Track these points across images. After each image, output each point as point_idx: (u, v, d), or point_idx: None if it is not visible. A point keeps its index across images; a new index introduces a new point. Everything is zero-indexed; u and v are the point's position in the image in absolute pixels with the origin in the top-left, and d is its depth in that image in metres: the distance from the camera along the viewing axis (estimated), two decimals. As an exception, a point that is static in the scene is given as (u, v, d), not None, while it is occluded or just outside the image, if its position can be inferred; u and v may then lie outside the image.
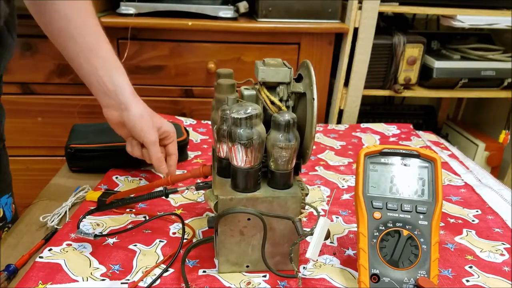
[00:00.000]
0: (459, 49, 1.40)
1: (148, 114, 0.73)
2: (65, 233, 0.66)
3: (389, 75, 1.32)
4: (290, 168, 0.57)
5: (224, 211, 0.55)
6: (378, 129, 1.20)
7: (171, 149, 0.79)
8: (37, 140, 1.27)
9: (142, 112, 0.72)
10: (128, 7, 1.18)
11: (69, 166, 0.88)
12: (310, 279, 0.59)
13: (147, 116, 0.72)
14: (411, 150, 0.58)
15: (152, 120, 0.73)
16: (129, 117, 0.71)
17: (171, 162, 0.78)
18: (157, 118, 0.75)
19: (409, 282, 0.53)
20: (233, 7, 1.24)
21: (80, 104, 1.22)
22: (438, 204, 0.55)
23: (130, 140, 0.76)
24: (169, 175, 0.72)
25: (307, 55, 1.25)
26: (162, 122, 0.76)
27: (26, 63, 1.17)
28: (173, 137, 0.79)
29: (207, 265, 0.61)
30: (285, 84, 0.59)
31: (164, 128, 0.76)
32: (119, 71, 0.72)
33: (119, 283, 0.57)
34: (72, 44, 0.69)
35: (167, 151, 0.79)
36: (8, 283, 0.57)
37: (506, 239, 0.70)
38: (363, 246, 0.55)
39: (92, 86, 0.72)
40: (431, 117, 1.65)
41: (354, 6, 1.21)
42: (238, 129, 0.53)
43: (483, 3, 1.27)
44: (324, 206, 0.79)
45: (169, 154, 0.79)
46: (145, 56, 1.21)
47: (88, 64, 0.70)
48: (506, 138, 1.42)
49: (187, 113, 1.28)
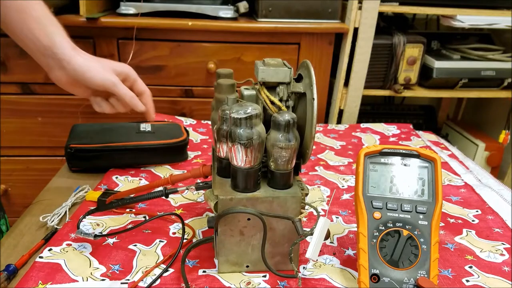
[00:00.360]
0: (459, 49, 1.40)
1: (95, 60, 0.68)
2: (65, 233, 0.66)
3: (389, 75, 1.32)
4: (290, 168, 0.57)
5: (224, 211, 0.55)
6: (378, 129, 1.20)
7: (140, 87, 0.73)
8: (37, 140, 1.27)
9: (86, 59, 0.67)
10: (128, 7, 1.18)
11: (69, 166, 0.88)
12: (310, 279, 0.60)
13: (95, 62, 0.68)
14: (411, 150, 0.58)
15: (102, 64, 0.68)
16: (75, 70, 0.66)
17: (145, 100, 0.73)
18: (106, 62, 0.70)
19: (409, 282, 0.53)
20: (233, 7, 1.24)
21: (81, 104, 1.22)
22: (438, 204, 0.55)
23: (93, 98, 0.72)
24: (148, 113, 0.70)
25: (307, 55, 1.25)
26: (114, 64, 0.70)
27: (26, 63, 1.17)
28: (133, 75, 0.72)
29: (207, 265, 0.61)
30: (285, 84, 0.59)
31: (118, 69, 0.70)
32: (54, 27, 0.66)
33: (119, 283, 0.57)
34: (5, 9, 0.64)
35: (136, 91, 0.73)
36: (8, 283, 0.57)
37: (506, 239, 0.70)
38: (363, 246, 0.55)
39: (31, 50, 0.67)
40: (431, 117, 1.65)
41: (354, 6, 1.21)
42: (238, 129, 0.53)
43: (483, 3, 1.27)
44: (324, 206, 0.79)
45: (140, 93, 0.73)
46: (145, 56, 1.21)
47: (23, 27, 0.64)
48: (506, 138, 1.42)
49: (187, 113, 1.28)
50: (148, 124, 0.96)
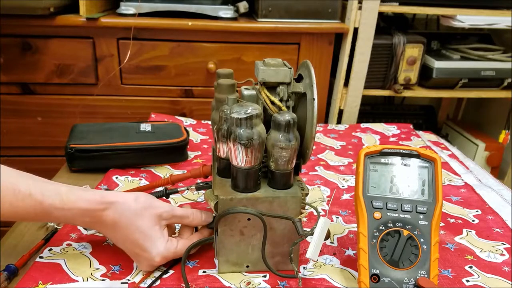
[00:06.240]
0: (459, 49, 1.40)
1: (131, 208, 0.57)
2: (65, 233, 0.66)
3: (389, 75, 1.32)
4: (290, 168, 0.57)
5: (224, 211, 0.55)
6: (378, 129, 1.20)
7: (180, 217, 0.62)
8: (37, 140, 1.27)
9: (123, 208, 0.57)
10: (128, 7, 1.18)
11: (69, 166, 0.88)
12: (310, 279, 0.59)
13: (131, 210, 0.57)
14: (411, 150, 0.58)
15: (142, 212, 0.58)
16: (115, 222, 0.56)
17: (193, 215, 0.63)
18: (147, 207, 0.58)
19: (409, 282, 0.53)
20: (233, 7, 1.24)
21: (81, 104, 1.22)
22: (438, 204, 0.55)
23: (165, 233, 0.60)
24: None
25: (307, 55, 1.25)
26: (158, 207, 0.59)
27: (26, 63, 1.17)
28: (170, 213, 0.60)
29: (207, 265, 0.61)
30: (285, 84, 0.59)
31: (165, 214, 0.59)
32: (53, 184, 0.56)
33: (119, 283, 0.57)
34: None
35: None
36: (8, 283, 0.57)
37: (506, 239, 0.70)
38: (363, 246, 0.55)
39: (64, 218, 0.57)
40: (431, 117, 1.65)
41: (354, 6, 1.21)
42: (238, 129, 0.53)
43: (483, 3, 1.27)
44: (324, 206, 0.79)
45: (183, 217, 0.62)
46: (145, 56, 1.21)
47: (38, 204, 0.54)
48: (506, 138, 1.42)
49: (187, 113, 1.28)
50: (148, 124, 0.96)
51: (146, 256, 0.57)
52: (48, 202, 0.53)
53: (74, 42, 1.16)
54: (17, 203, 0.52)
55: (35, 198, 0.53)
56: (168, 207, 0.60)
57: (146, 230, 0.57)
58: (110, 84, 1.22)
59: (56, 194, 0.54)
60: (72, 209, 0.54)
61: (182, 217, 0.61)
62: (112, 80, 1.22)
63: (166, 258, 0.59)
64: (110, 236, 0.59)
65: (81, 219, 0.56)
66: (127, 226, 0.56)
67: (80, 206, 0.55)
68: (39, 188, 0.54)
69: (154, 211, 0.58)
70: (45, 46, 1.16)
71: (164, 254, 0.58)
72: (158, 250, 0.57)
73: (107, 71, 1.20)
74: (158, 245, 0.57)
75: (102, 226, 0.57)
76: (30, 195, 0.52)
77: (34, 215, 0.54)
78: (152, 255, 0.57)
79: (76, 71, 1.19)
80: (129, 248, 0.59)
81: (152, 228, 0.57)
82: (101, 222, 0.56)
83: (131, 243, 0.57)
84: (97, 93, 1.22)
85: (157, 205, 0.59)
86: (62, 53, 1.17)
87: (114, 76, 1.21)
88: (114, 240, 0.60)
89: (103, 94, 1.23)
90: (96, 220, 0.56)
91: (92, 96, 1.23)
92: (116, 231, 0.57)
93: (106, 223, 0.56)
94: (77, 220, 0.57)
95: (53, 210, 0.54)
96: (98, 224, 0.57)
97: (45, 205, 0.53)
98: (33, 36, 1.15)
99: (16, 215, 0.53)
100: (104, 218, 0.56)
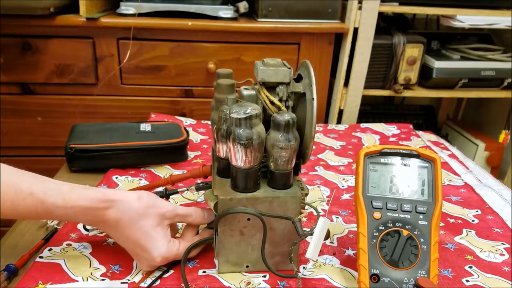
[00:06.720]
0: (459, 49, 1.40)
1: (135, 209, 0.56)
2: (65, 233, 0.66)
3: (389, 75, 1.32)
4: (289, 168, 0.57)
5: (224, 211, 0.55)
6: (378, 129, 1.20)
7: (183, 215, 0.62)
8: (37, 140, 1.27)
9: (126, 207, 0.56)
10: (128, 7, 1.18)
11: (69, 166, 0.88)
12: (310, 279, 0.59)
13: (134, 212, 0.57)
14: (411, 150, 0.58)
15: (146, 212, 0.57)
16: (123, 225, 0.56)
17: (196, 213, 0.62)
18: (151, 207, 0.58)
19: (409, 282, 0.53)
20: (233, 7, 1.24)
21: (81, 104, 1.22)
22: (438, 204, 0.55)
23: (167, 233, 0.60)
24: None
25: (307, 55, 1.25)
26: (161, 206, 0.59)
27: (26, 63, 1.17)
28: (193, 215, 0.61)
29: (207, 265, 0.61)
30: (284, 84, 0.59)
31: (168, 213, 0.59)
32: (55, 183, 0.56)
33: (119, 283, 0.57)
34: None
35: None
36: (8, 283, 0.57)
37: (506, 239, 0.70)
38: (363, 246, 0.55)
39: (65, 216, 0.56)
40: (431, 117, 1.65)
41: (354, 6, 1.21)
42: (238, 129, 0.53)
43: (483, 3, 1.27)
44: (324, 206, 0.79)
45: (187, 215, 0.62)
46: (145, 56, 1.21)
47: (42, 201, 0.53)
48: (506, 138, 1.42)
49: (187, 113, 1.28)
50: (148, 124, 0.96)
51: (147, 256, 0.57)
52: (50, 201, 0.53)
53: (74, 42, 1.16)
54: (18, 201, 0.52)
55: (37, 197, 0.53)
56: (171, 206, 0.60)
57: (148, 230, 0.57)
58: (110, 84, 1.22)
59: (58, 192, 0.54)
60: (74, 207, 0.54)
61: (185, 215, 0.61)
62: (112, 80, 1.22)
63: (167, 259, 0.59)
64: (112, 235, 0.59)
65: (83, 217, 0.56)
66: (129, 225, 0.56)
67: (82, 204, 0.55)
68: (40, 187, 0.54)
69: (157, 211, 0.58)
70: (45, 46, 1.16)
71: (166, 255, 0.58)
72: (160, 251, 0.57)
73: (107, 71, 1.20)
74: (160, 246, 0.57)
75: (104, 225, 0.57)
76: (31, 194, 0.52)
77: (35, 214, 0.54)
78: (153, 255, 0.57)
79: (76, 71, 1.19)
80: (130, 247, 0.59)
81: (155, 228, 0.57)
82: (103, 221, 0.56)
83: (133, 243, 0.57)
84: (97, 93, 1.22)
85: (160, 205, 0.59)
86: (62, 53, 1.17)
87: (114, 76, 1.21)
88: (116, 239, 0.59)
89: (103, 94, 1.23)
90: (98, 219, 0.56)
91: (92, 96, 1.23)
92: (118, 230, 0.57)
93: (108, 222, 0.56)
94: (79, 219, 0.57)
95: (55, 209, 0.54)
96: (100, 223, 0.57)
97: (47, 204, 0.53)
98: (33, 36, 1.15)
99: (18, 213, 0.53)
100: (106, 217, 0.56)
